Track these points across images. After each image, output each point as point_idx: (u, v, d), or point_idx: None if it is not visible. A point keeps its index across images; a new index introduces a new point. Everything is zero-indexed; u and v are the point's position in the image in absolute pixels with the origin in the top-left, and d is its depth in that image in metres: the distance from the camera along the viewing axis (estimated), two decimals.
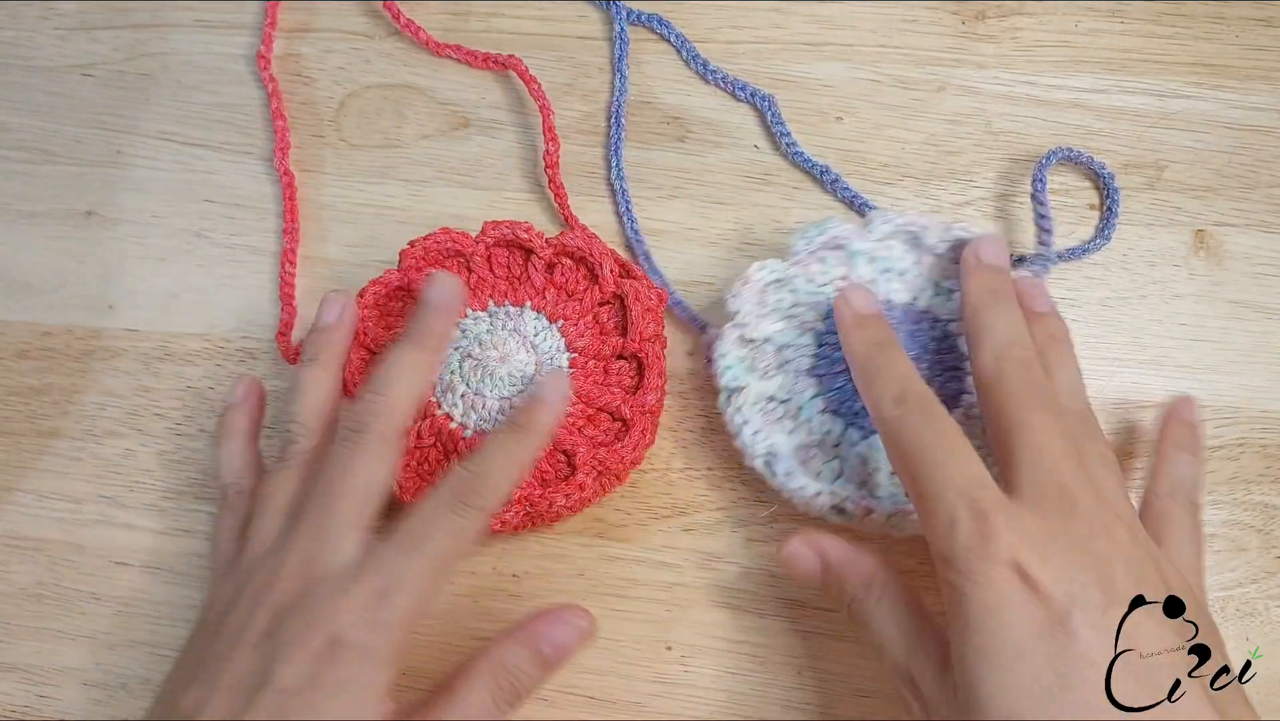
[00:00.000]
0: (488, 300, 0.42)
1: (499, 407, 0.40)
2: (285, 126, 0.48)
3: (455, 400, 0.40)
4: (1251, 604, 0.40)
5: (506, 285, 0.42)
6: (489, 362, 0.40)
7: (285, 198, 0.47)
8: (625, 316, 0.41)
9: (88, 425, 0.44)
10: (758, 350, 0.41)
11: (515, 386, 0.40)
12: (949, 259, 0.41)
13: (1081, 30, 0.49)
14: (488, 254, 0.43)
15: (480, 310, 0.42)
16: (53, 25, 0.51)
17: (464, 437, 0.40)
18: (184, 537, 0.42)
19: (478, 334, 0.41)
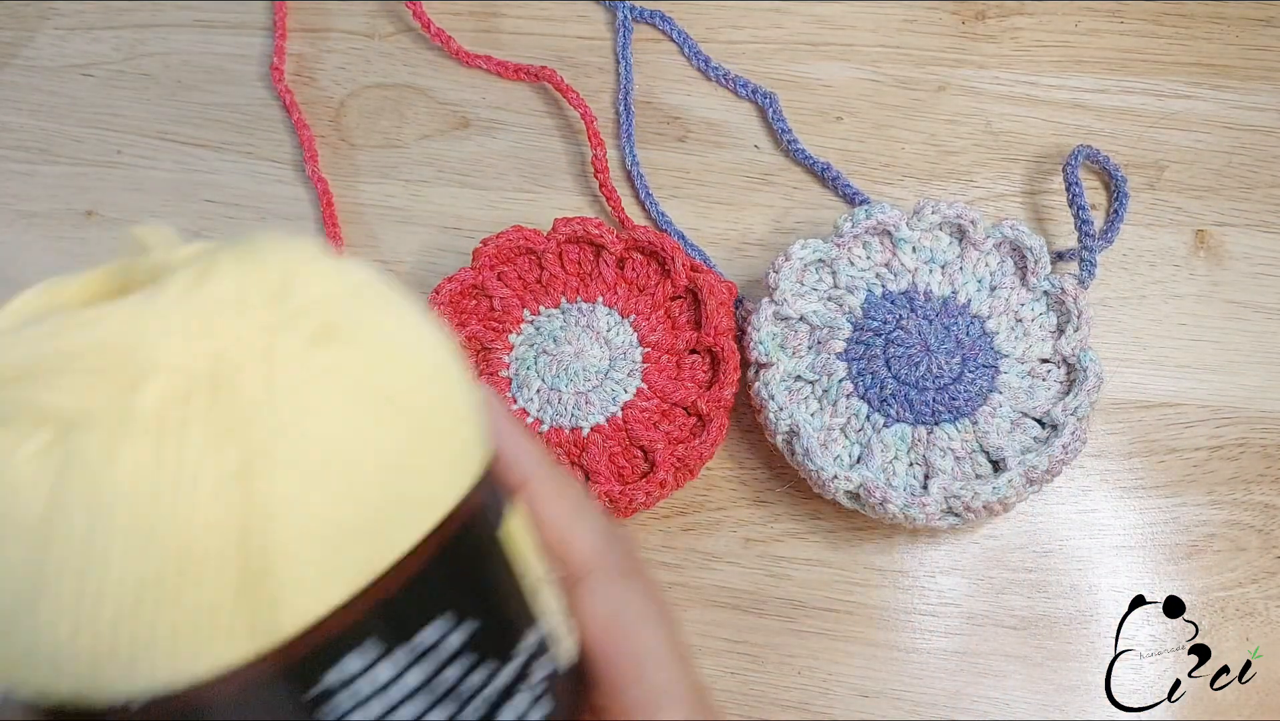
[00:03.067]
0: (560, 297, 0.42)
1: (574, 402, 0.41)
2: (311, 135, 0.48)
3: (531, 395, 0.41)
4: (1251, 604, 0.40)
5: (578, 281, 0.43)
6: (564, 358, 0.41)
7: (323, 205, 0.46)
8: (699, 310, 0.42)
9: None
10: (791, 328, 0.41)
11: (590, 382, 0.41)
12: (994, 255, 0.42)
13: (1081, 30, 0.49)
14: (559, 250, 0.43)
15: (553, 307, 0.42)
16: (53, 25, 0.51)
17: (540, 432, 0.40)
18: None
19: (551, 330, 0.42)
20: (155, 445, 0.16)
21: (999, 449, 0.39)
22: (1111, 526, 0.41)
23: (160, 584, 0.16)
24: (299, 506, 0.17)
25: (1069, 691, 0.39)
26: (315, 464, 0.17)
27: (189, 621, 0.16)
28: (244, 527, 0.16)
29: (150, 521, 0.16)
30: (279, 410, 0.17)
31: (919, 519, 0.38)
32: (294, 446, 0.17)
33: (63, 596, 0.16)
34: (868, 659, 0.39)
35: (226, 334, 0.17)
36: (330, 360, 0.18)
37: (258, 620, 0.17)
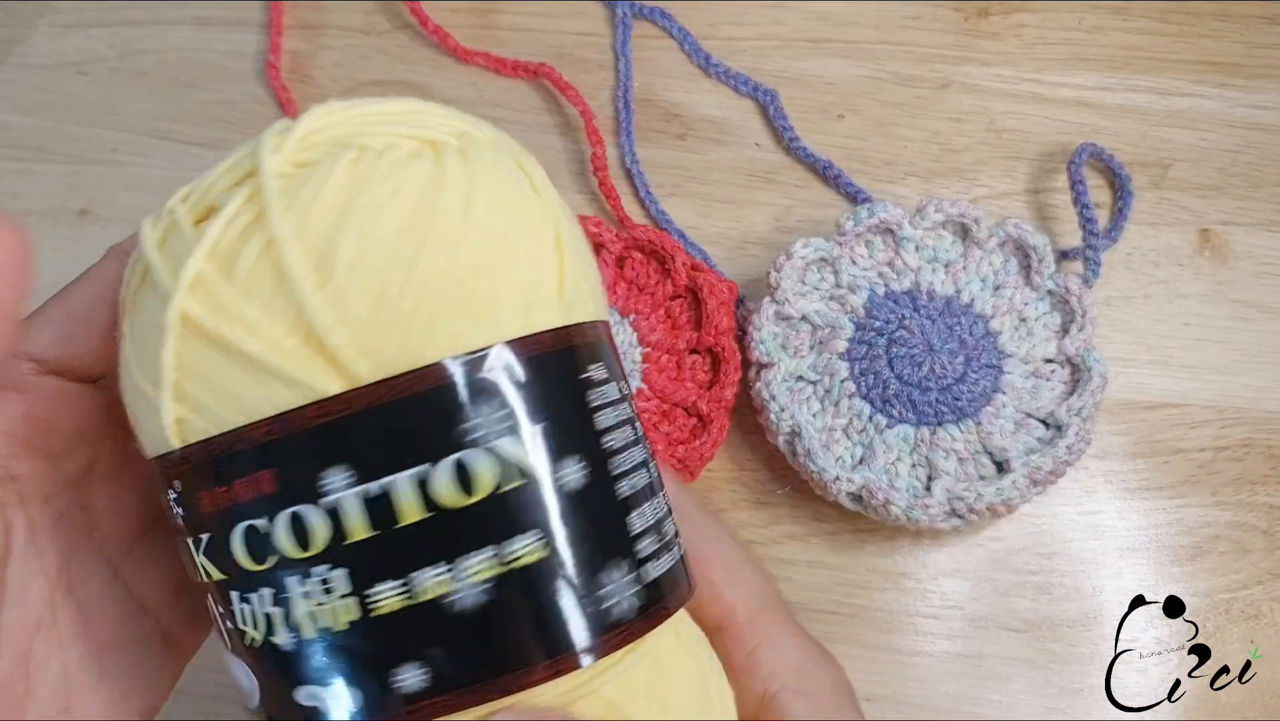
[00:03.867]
0: None
1: None
2: None
3: None
4: (1256, 605, 0.39)
5: None
6: None
7: None
8: (699, 310, 0.41)
9: None
10: (793, 327, 0.41)
11: None
12: (998, 254, 0.41)
13: (1085, 28, 0.48)
14: None
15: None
16: (48, 22, 0.51)
17: None
18: None
19: None
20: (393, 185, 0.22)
21: (1003, 450, 0.38)
22: (1116, 528, 0.41)
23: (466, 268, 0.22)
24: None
25: (1073, 694, 0.38)
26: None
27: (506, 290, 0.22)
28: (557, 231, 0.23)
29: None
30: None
31: (922, 520, 0.37)
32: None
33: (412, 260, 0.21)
34: (870, 662, 0.39)
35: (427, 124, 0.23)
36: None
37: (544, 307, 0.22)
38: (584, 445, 0.22)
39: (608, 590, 0.22)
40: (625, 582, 0.22)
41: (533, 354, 0.22)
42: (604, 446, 0.22)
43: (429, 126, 0.23)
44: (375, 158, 0.22)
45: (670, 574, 0.23)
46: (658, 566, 0.23)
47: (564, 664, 0.21)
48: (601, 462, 0.22)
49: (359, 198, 0.21)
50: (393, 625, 0.20)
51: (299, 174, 0.21)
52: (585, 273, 0.24)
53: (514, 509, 0.21)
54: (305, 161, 0.22)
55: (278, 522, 0.21)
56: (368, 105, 0.23)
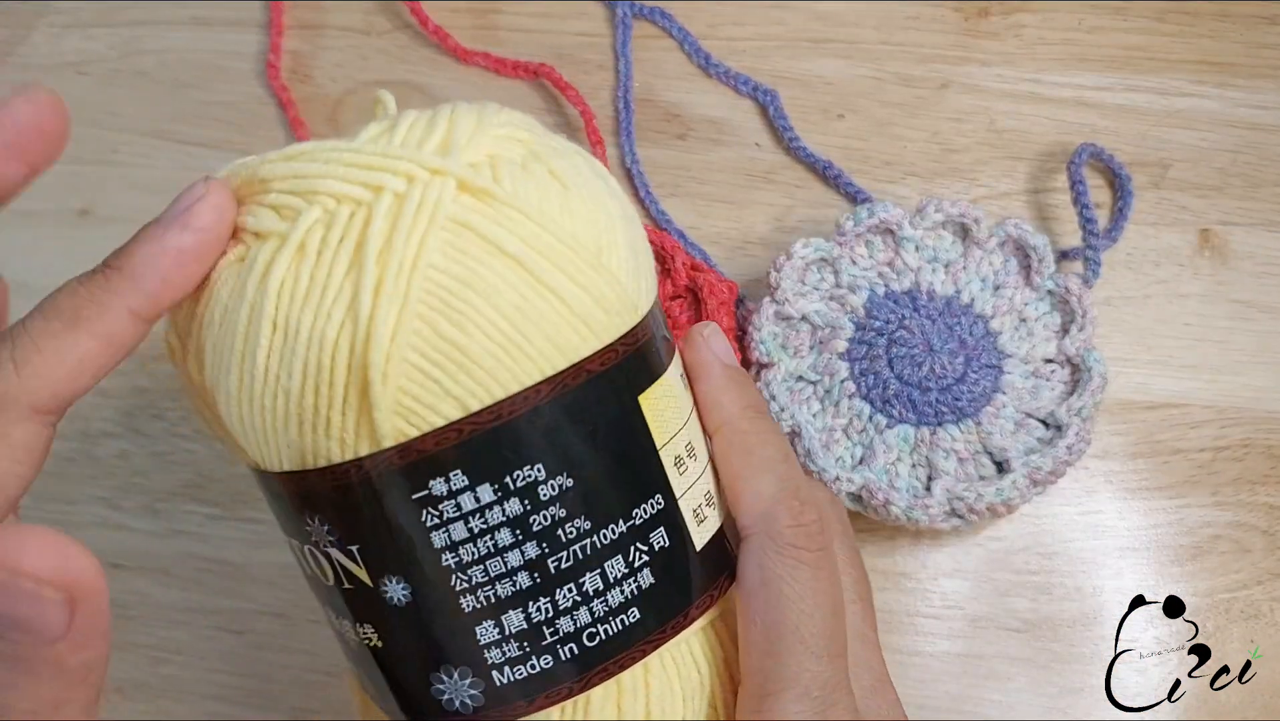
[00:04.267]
0: None
1: None
2: (307, 133, 0.47)
3: None
4: (1256, 606, 0.39)
5: None
6: None
7: None
8: (699, 309, 0.41)
9: (82, 426, 0.43)
10: (793, 327, 0.41)
11: None
12: (998, 254, 0.41)
13: (1085, 28, 0.48)
14: None
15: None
16: (48, 22, 0.51)
17: None
18: (179, 539, 0.42)
19: None
20: (299, 263, 0.21)
21: (1003, 450, 0.38)
22: (1116, 528, 0.41)
23: (291, 379, 0.21)
24: (396, 335, 0.20)
25: (1073, 694, 0.38)
26: (420, 299, 0.20)
27: (314, 411, 0.21)
28: (353, 344, 0.20)
29: (288, 326, 0.21)
30: (399, 248, 0.20)
31: (922, 520, 0.37)
32: (400, 281, 0.20)
33: (231, 377, 0.22)
34: None
35: (377, 177, 0.21)
36: (465, 213, 0.21)
37: (363, 426, 0.21)
38: (407, 565, 0.22)
39: (439, 689, 0.23)
40: (463, 686, 0.23)
41: (341, 481, 0.22)
42: (443, 564, 0.22)
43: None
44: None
45: (535, 678, 0.23)
46: (517, 668, 0.23)
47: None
48: (434, 581, 0.22)
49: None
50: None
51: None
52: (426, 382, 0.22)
53: (355, 602, 0.23)
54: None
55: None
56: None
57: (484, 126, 0.23)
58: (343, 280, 0.20)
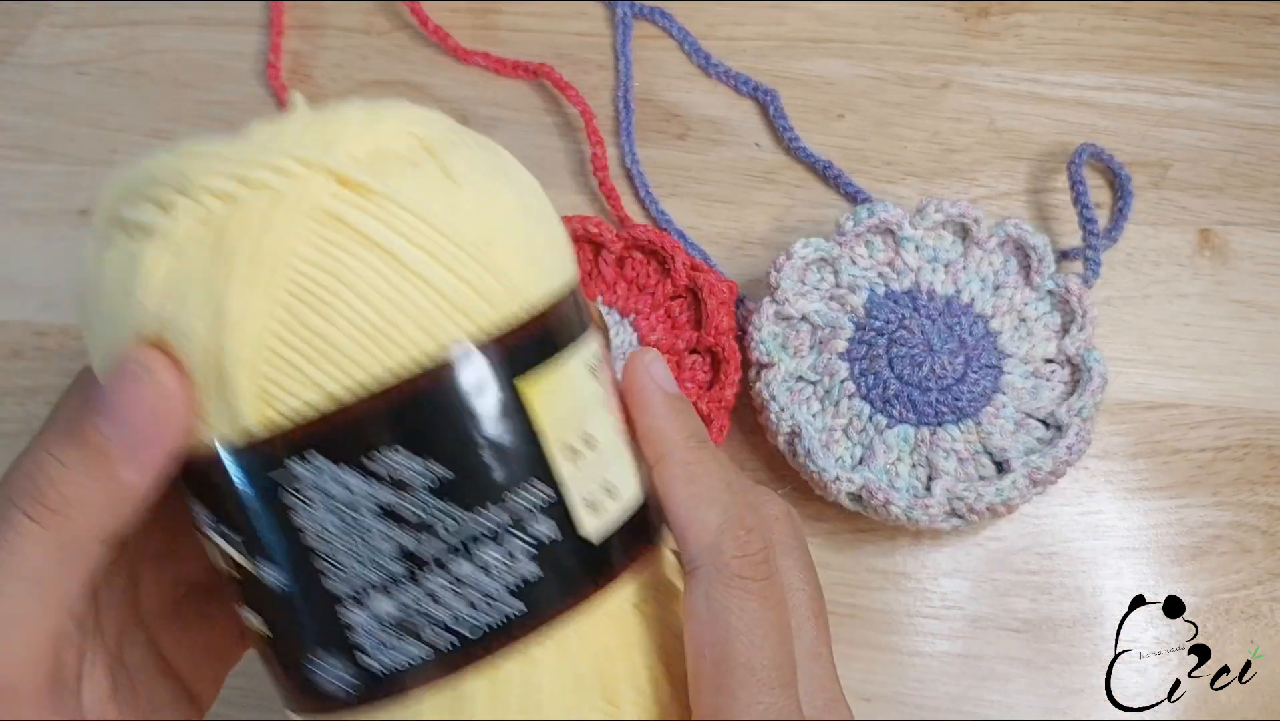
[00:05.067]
0: None
1: None
2: None
3: None
4: (1256, 606, 0.39)
5: None
6: None
7: None
8: (700, 309, 0.41)
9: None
10: (793, 327, 0.41)
11: None
12: (998, 254, 0.41)
13: (1085, 28, 0.48)
14: None
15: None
16: (47, 22, 0.51)
17: None
18: None
19: None
20: (172, 256, 0.21)
21: (1003, 450, 0.38)
22: (1116, 528, 0.40)
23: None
24: (254, 322, 0.21)
25: (1073, 694, 0.38)
26: (284, 288, 0.21)
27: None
28: (214, 331, 0.21)
29: (161, 317, 0.21)
30: (265, 239, 0.21)
31: (922, 521, 0.37)
32: (261, 270, 0.21)
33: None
34: (870, 662, 0.39)
35: (253, 173, 0.22)
36: (339, 206, 0.21)
37: (225, 411, 0.21)
38: (278, 550, 0.22)
39: (317, 676, 0.23)
40: (336, 671, 0.23)
41: (211, 465, 0.22)
42: (310, 547, 0.22)
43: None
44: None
45: (412, 664, 0.23)
46: (390, 655, 0.22)
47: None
48: (303, 565, 0.22)
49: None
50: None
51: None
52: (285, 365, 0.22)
53: (243, 589, 0.23)
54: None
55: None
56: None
57: (374, 121, 0.23)
58: (209, 271, 0.21)
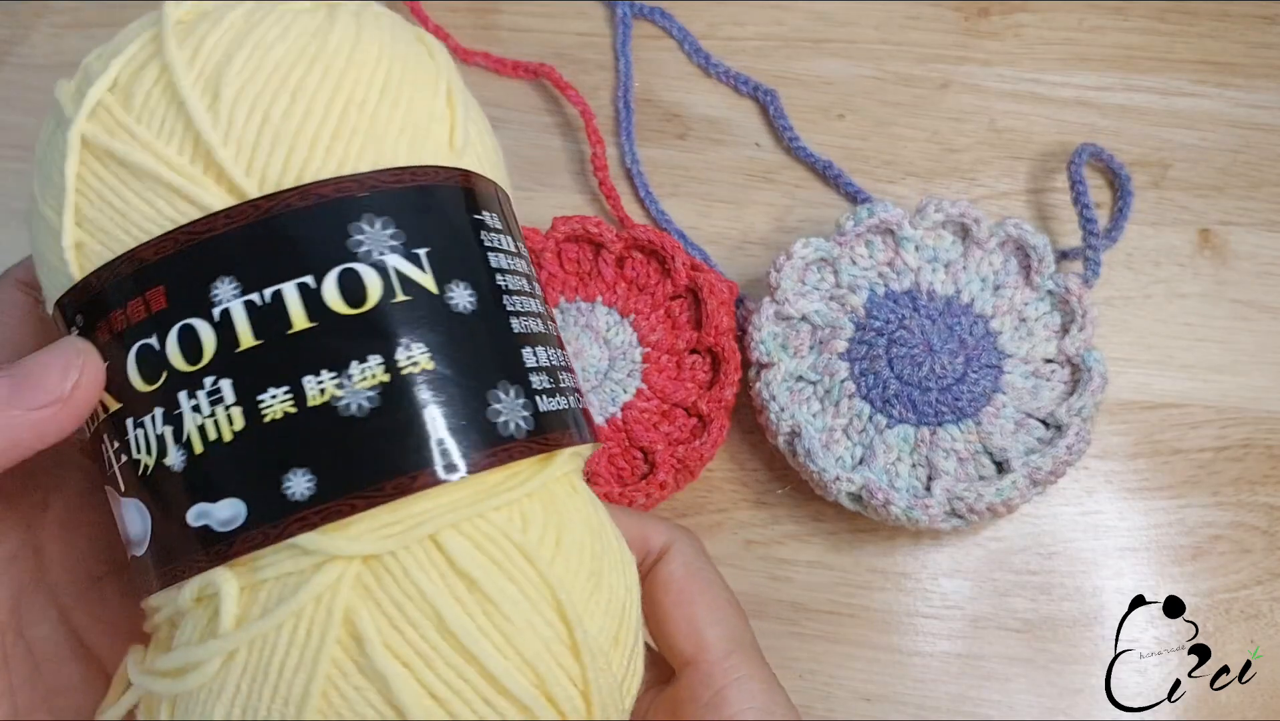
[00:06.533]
0: (559, 296, 0.42)
1: None
2: None
3: None
4: (1256, 606, 0.39)
5: (577, 280, 0.42)
6: None
7: None
8: (700, 309, 0.41)
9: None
10: (793, 327, 0.41)
11: (589, 382, 0.40)
12: (998, 254, 0.41)
13: (1085, 27, 0.48)
14: (558, 249, 0.42)
15: (551, 306, 0.42)
16: (47, 23, 0.51)
17: None
18: None
19: None
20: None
21: (1003, 450, 0.38)
22: (1116, 528, 0.40)
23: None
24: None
25: (1073, 694, 0.38)
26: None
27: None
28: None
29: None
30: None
31: (922, 521, 0.37)
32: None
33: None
34: (870, 662, 0.39)
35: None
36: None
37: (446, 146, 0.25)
38: (473, 274, 0.23)
39: (495, 408, 0.22)
40: (516, 405, 0.23)
41: (422, 183, 0.23)
42: (496, 282, 0.24)
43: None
44: (270, 9, 0.24)
45: (564, 414, 0.24)
46: (552, 402, 0.24)
47: (449, 471, 0.21)
48: (493, 294, 0.23)
49: (250, 34, 0.23)
50: (282, 432, 0.21)
51: (200, 21, 0.23)
52: (482, 136, 0.26)
53: (402, 321, 0.22)
54: (207, 14, 0.24)
55: (169, 338, 0.21)
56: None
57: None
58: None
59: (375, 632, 0.20)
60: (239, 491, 0.21)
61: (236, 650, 0.21)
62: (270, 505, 0.21)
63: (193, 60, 0.23)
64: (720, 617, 0.27)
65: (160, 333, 0.22)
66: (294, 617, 0.21)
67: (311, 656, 0.20)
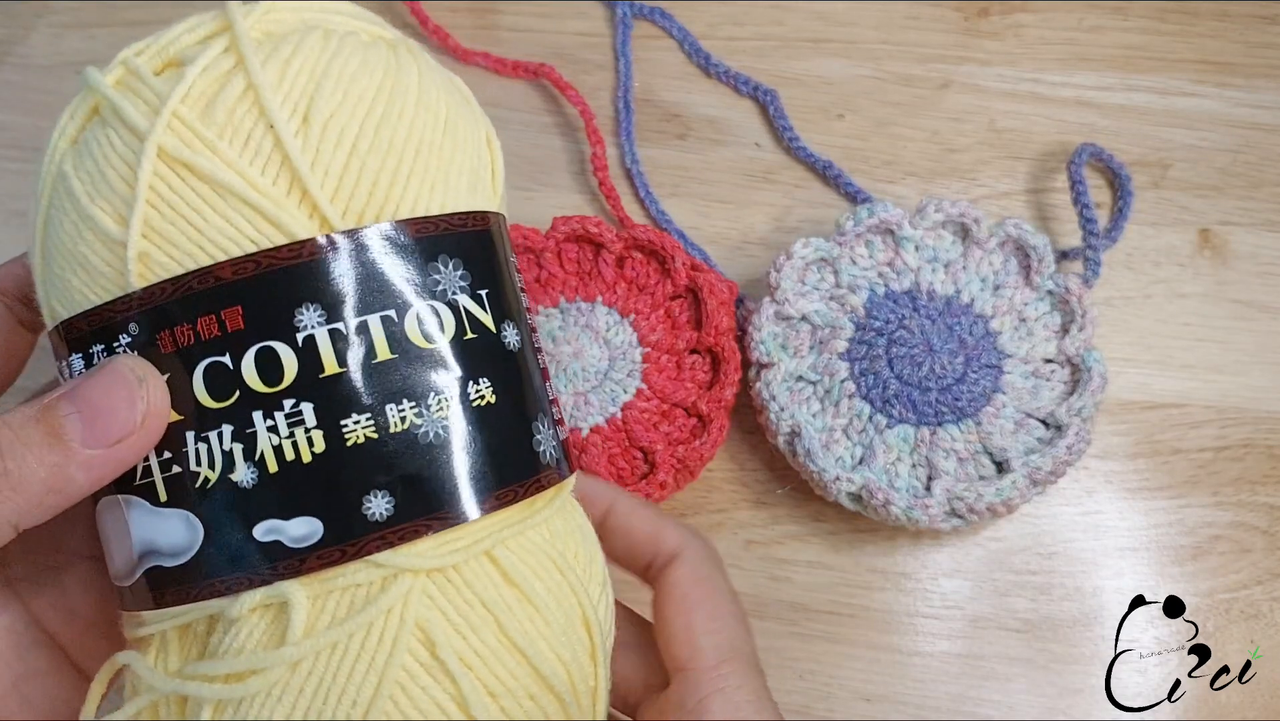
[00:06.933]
0: (559, 296, 0.42)
1: (573, 403, 0.40)
2: None
3: None
4: (1256, 605, 0.39)
5: (577, 280, 0.42)
6: (562, 358, 0.41)
7: None
8: (699, 310, 0.41)
9: None
10: (793, 327, 0.41)
11: (589, 382, 0.40)
12: (998, 254, 0.41)
13: (1085, 27, 0.48)
14: (558, 249, 0.42)
15: (551, 306, 0.42)
16: (47, 23, 0.51)
17: None
18: None
19: (550, 330, 0.41)
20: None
21: (1003, 450, 0.38)
22: (1116, 528, 0.40)
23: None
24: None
25: (1073, 694, 0.38)
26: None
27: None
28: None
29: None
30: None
31: (922, 520, 0.37)
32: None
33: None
34: (870, 662, 0.39)
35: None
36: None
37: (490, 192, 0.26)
38: (516, 314, 0.25)
39: (537, 439, 0.25)
40: (548, 435, 0.25)
41: (479, 228, 0.24)
42: (528, 321, 0.25)
43: (376, 24, 0.26)
44: (341, 37, 0.24)
45: (568, 441, 0.27)
46: (562, 431, 0.26)
47: (512, 493, 0.24)
48: (529, 333, 0.26)
49: (333, 63, 0.23)
50: (363, 455, 0.22)
51: (269, 40, 0.23)
52: (502, 176, 0.27)
53: (471, 357, 0.23)
54: (273, 33, 0.24)
55: (246, 357, 0.22)
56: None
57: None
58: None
59: (446, 638, 0.22)
60: (316, 510, 0.22)
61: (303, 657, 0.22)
62: (349, 524, 0.22)
63: (280, 82, 0.22)
64: (718, 627, 0.27)
65: (235, 352, 0.22)
66: (366, 627, 0.22)
67: (383, 661, 0.22)
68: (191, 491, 0.22)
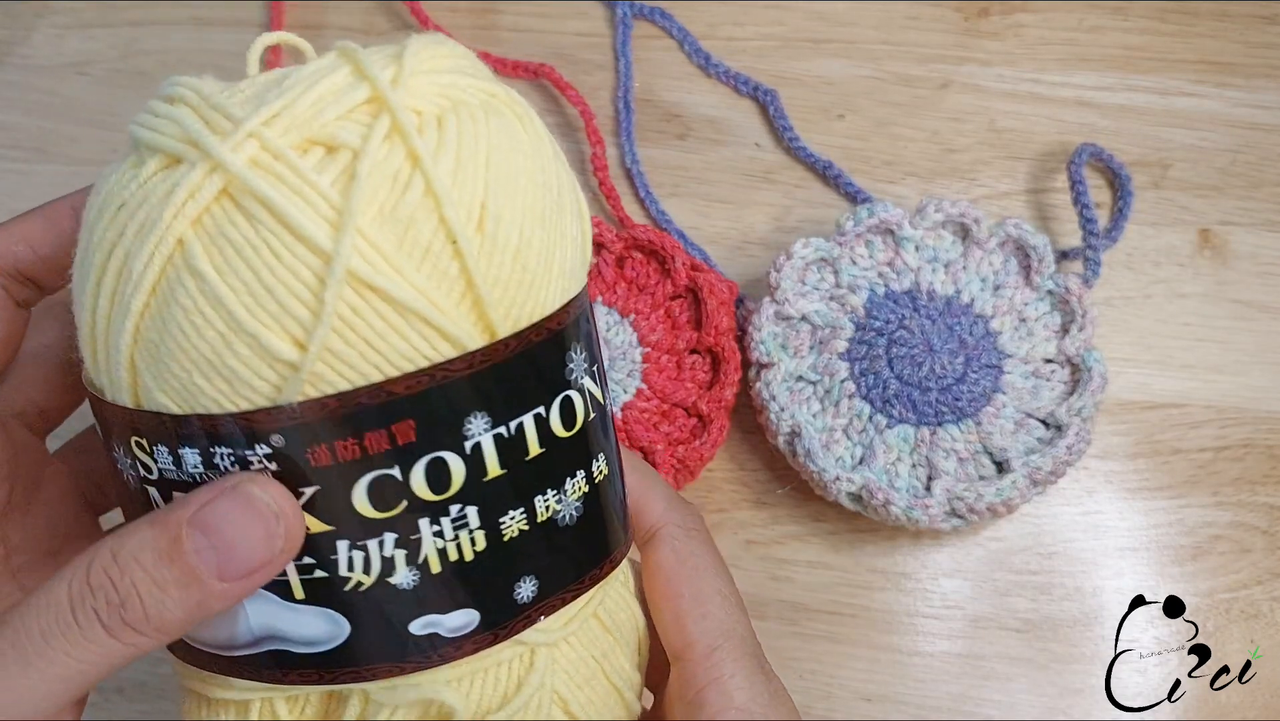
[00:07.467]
0: None
1: None
2: None
3: None
4: (1256, 605, 0.39)
5: None
6: None
7: None
8: (699, 310, 0.41)
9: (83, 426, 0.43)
10: (793, 327, 0.41)
11: None
12: (998, 254, 0.41)
13: (1085, 27, 0.48)
14: None
15: None
16: (48, 23, 0.51)
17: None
18: None
19: None
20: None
21: (1003, 450, 0.38)
22: (1116, 528, 0.41)
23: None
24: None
25: (1073, 694, 0.38)
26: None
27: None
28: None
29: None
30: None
31: (922, 521, 0.37)
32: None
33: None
34: (870, 662, 0.39)
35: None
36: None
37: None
38: (605, 377, 0.26)
39: (622, 495, 0.26)
40: (620, 487, 0.26)
41: (585, 307, 0.25)
42: (609, 385, 0.26)
43: (485, 76, 0.24)
44: (485, 112, 0.22)
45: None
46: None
47: (620, 554, 0.26)
48: (609, 396, 0.26)
49: (493, 155, 0.22)
50: (516, 547, 0.23)
51: (423, 122, 0.21)
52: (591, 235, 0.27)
53: (594, 437, 0.24)
54: (421, 111, 0.22)
55: (415, 469, 0.21)
56: (434, 51, 0.23)
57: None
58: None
59: (572, 694, 0.24)
60: (473, 602, 0.23)
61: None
62: (502, 610, 0.23)
63: (453, 184, 0.21)
64: (706, 611, 0.27)
65: (404, 464, 0.21)
66: (524, 705, 0.23)
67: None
68: (339, 593, 0.22)
